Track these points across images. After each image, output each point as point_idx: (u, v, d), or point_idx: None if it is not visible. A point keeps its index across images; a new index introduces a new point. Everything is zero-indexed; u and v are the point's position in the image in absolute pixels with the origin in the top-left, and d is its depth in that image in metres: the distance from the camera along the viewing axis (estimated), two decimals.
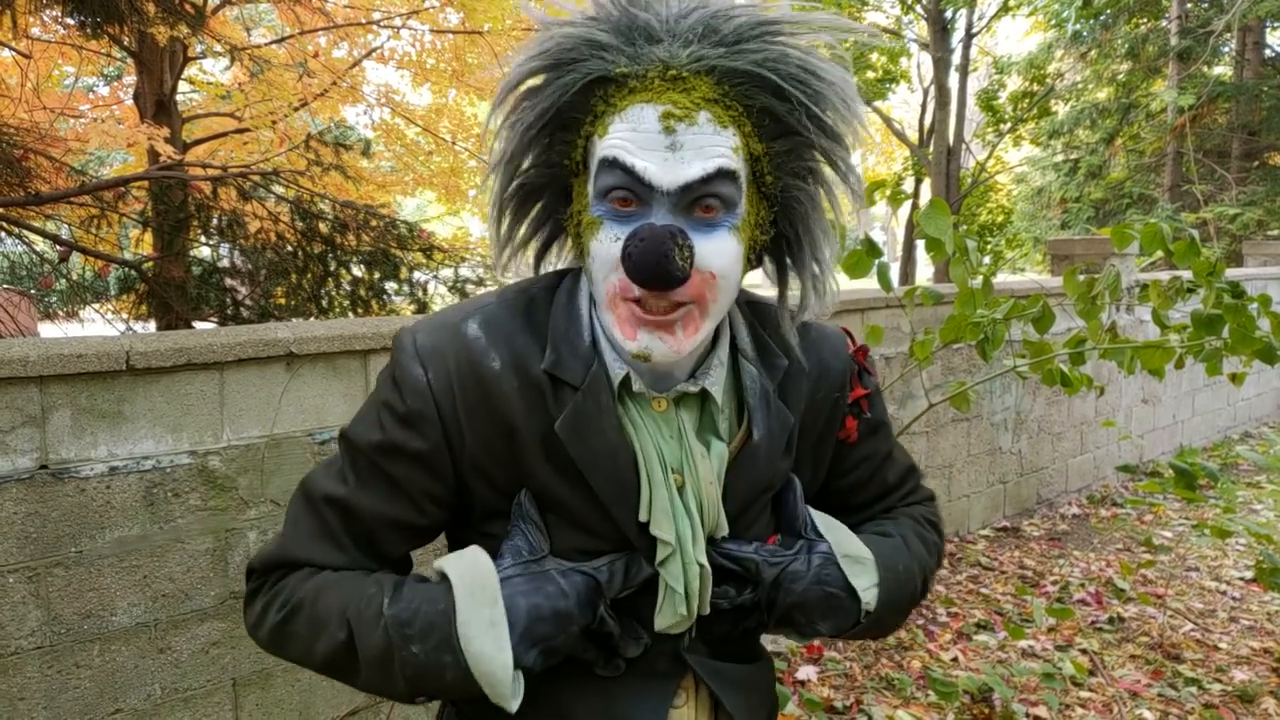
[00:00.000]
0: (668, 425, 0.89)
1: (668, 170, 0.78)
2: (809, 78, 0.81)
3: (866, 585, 0.93)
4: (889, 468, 1.09)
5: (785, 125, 0.82)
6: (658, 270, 0.76)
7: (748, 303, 0.98)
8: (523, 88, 0.85)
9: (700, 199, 0.79)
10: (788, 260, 0.92)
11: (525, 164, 0.88)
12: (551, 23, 0.84)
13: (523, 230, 0.93)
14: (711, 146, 0.78)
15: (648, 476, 0.86)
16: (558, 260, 0.98)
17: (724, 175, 0.79)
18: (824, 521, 0.97)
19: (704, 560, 0.88)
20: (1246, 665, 3.17)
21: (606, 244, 0.80)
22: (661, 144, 0.78)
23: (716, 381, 0.90)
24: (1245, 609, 3.71)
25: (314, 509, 0.91)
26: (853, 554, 0.94)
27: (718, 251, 0.80)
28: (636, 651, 0.90)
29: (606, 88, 0.81)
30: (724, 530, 0.91)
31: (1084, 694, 2.99)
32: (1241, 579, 4.02)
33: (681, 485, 0.88)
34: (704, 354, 0.91)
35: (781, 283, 0.94)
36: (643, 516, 0.86)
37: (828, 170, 0.87)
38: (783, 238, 0.90)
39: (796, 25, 0.82)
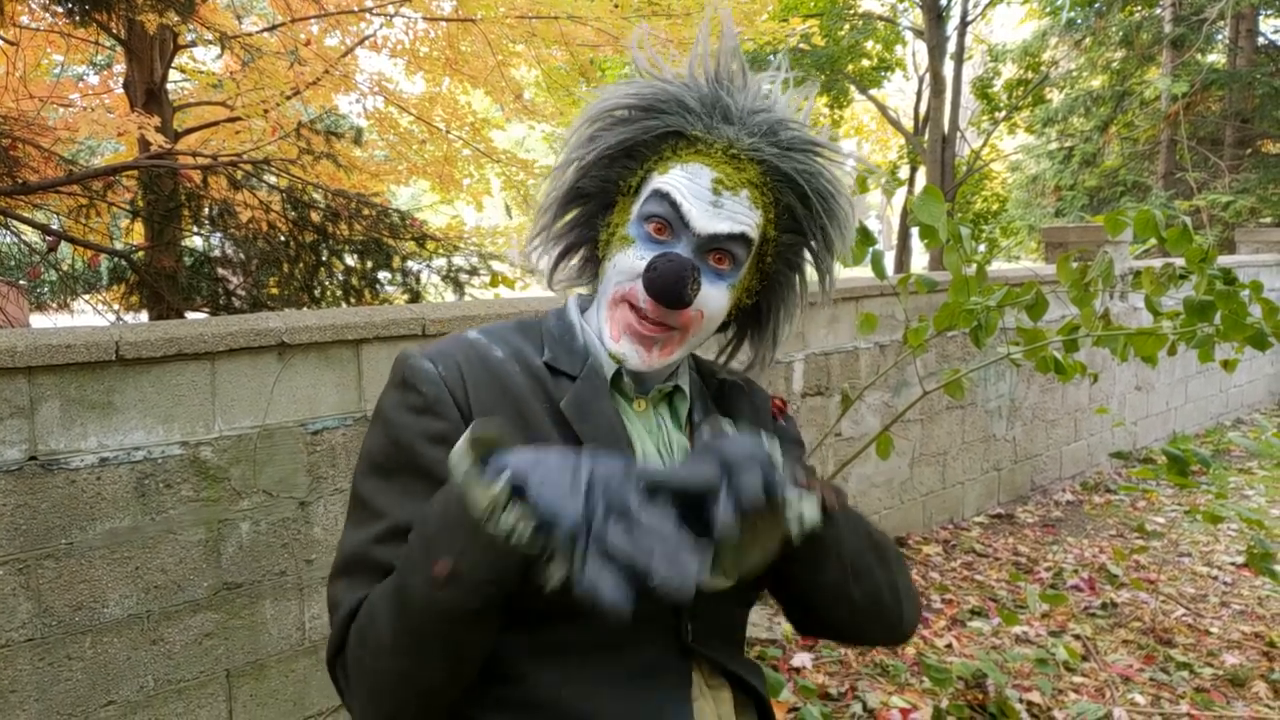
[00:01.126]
0: (647, 422, 1.03)
1: (706, 219, 0.95)
2: (830, 197, 1.01)
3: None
4: None
5: (798, 225, 1.02)
6: (674, 288, 0.91)
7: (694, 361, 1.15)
8: (610, 115, 1.02)
9: (717, 250, 0.96)
10: (751, 331, 1.11)
11: (588, 175, 1.03)
12: (656, 76, 1.02)
13: (561, 224, 1.07)
14: (743, 215, 0.96)
15: (643, 452, 0.99)
16: (565, 270, 1.10)
17: (743, 239, 0.97)
18: None
19: None
20: (1237, 649, 3.19)
21: (632, 258, 0.96)
22: (708, 199, 0.95)
23: (684, 380, 1.07)
24: (1236, 594, 3.73)
25: (355, 567, 0.93)
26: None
27: (715, 297, 0.97)
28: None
29: (678, 141, 0.99)
30: None
31: (1077, 679, 3.01)
32: (1233, 564, 4.04)
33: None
34: (673, 370, 1.06)
35: (736, 346, 1.14)
36: None
37: (810, 270, 1.07)
38: (758, 310, 1.09)
39: (834, 153, 1.02)
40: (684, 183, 0.95)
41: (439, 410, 0.93)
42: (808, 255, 1.06)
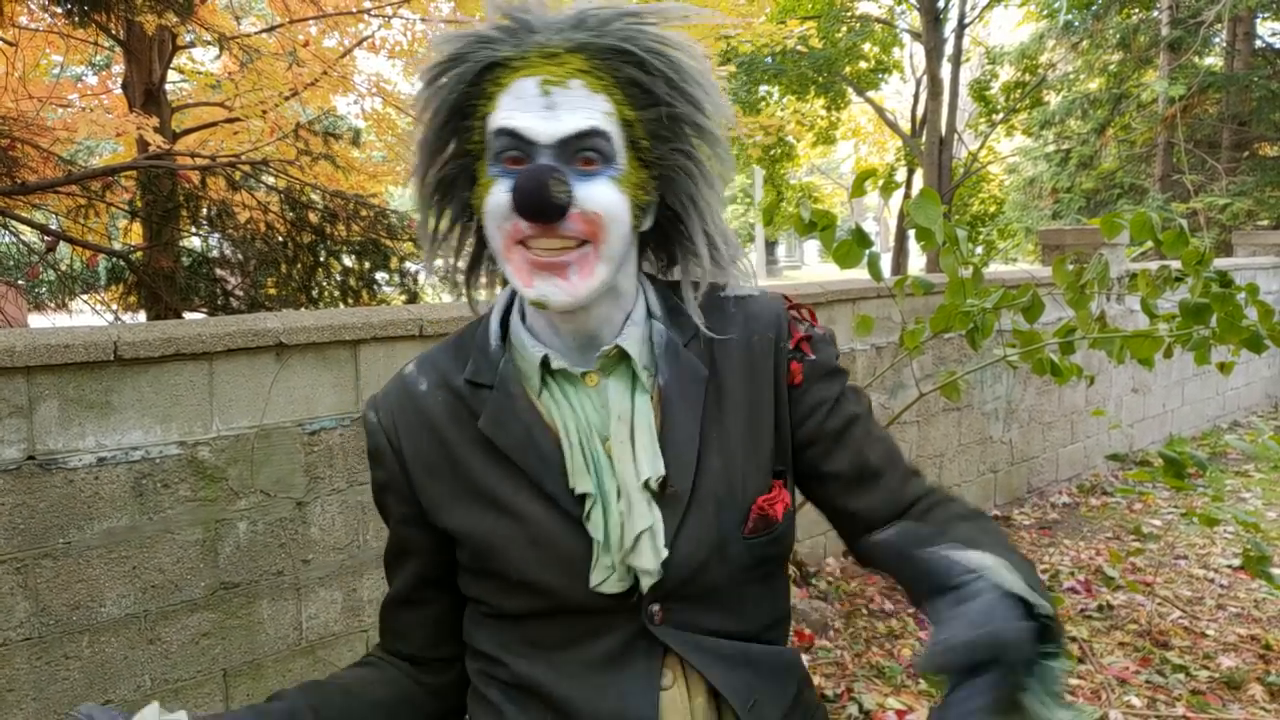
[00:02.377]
0: (599, 395, 0.98)
1: (546, 126, 0.88)
2: (666, 49, 0.93)
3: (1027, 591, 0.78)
4: (861, 440, 1.04)
5: (651, 95, 0.93)
6: (536, 196, 0.85)
7: (664, 284, 1.05)
8: (430, 90, 0.96)
9: (579, 152, 0.89)
10: (679, 232, 1.00)
11: (441, 157, 0.98)
12: (448, 32, 0.96)
13: (445, 222, 1.02)
14: (584, 109, 0.89)
15: (568, 444, 0.95)
16: (486, 275, 1.08)
17: (596, 133, 0.89)
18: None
19: (625, 509, 0.93)
20: (1234, 652, 3.19)
21: (498, 195, 0.90)
22: (540, 105, 0.89)
23: (629, 338, 0.98)
24: (1233, 596, 3.74)
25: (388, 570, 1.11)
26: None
27: (597, 193, 0.89)
28: None
29: (496, 72, 0.92)
30: (658, 471, 0.94)
31: (1073, 681, 3.01)
32: (1229, 567, 4.05)
33: (609, 449, 0.95)
34: (621, 321, 0.99)
35: (681, 253, 1.02)
36: (570, 482, 0.94)
37: (699, 146, 0.96)
38: (670, 212, 0.99)
39: (655, 14, 0.94)
40: (512, 105, 0.90)
41: (379, 460, 1.03)
42: (685, 130, 0.95)
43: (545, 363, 0.97)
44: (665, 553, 0.93)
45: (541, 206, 0.85)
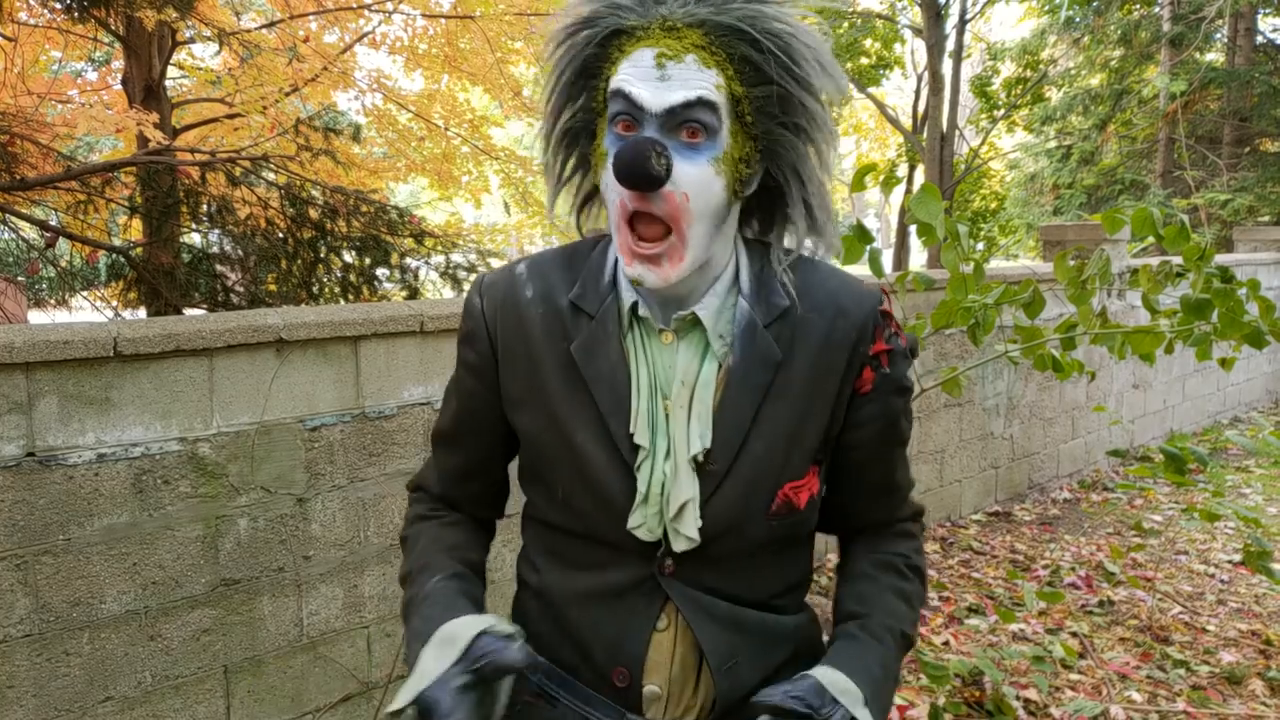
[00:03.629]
0: (670, 355, 1.03)
1: (656, 95, 0.93)
2: (781, 30, 0.96)
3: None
4: (897, 457, 1.12)
5: (762, 74, 0.96)
6: (635, 167, 0.90)
7: (763, 250, 1.07)
8: (560, 46, 1.02)
9: (685, 123, 0.93)
10: (781, 203, 1.04)
11: (567, 112, 1.03)
12: None
13: (568, 170, 1.08)
14: (695, 80, 0.93)
15: (638, 394, 1.01)
16: (598, 213, 1.12)
17: (704, 104, 0.93)
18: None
19: (669, 472, 1.00)
20: (1234, 647, 3.19)
21: (609, 164, 0.95)
22: (654, 76, 0.93)
23: (707, 308, 1.02)
24: (1233, 592, 3.74)
25: (440, 442, 1.19)
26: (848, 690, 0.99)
27: (694, 174, 0.94)
28: None
29: (621, 38, 0.98)
30: (703, 443, 1.01)
31: (1074, 676, 3.01)
32: (1230, 562, 4.05)
33: (668, 408, 1.01)
34: (705, 288, 1.02)
35: (779, 223, 1.06)
36: (631, 428, 1.01)
37: (808, 123, 1.00)
38: (774, 183, 1.03)
39: None
40: (630, 72, 0.95)
41: (472, 343, 1.10)
42: (793, 107, 0.98)
43: (634, 308, 1.02)
44: (700, 520, 1.00)
45: (640, 176, 0.90)
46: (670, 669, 1.05)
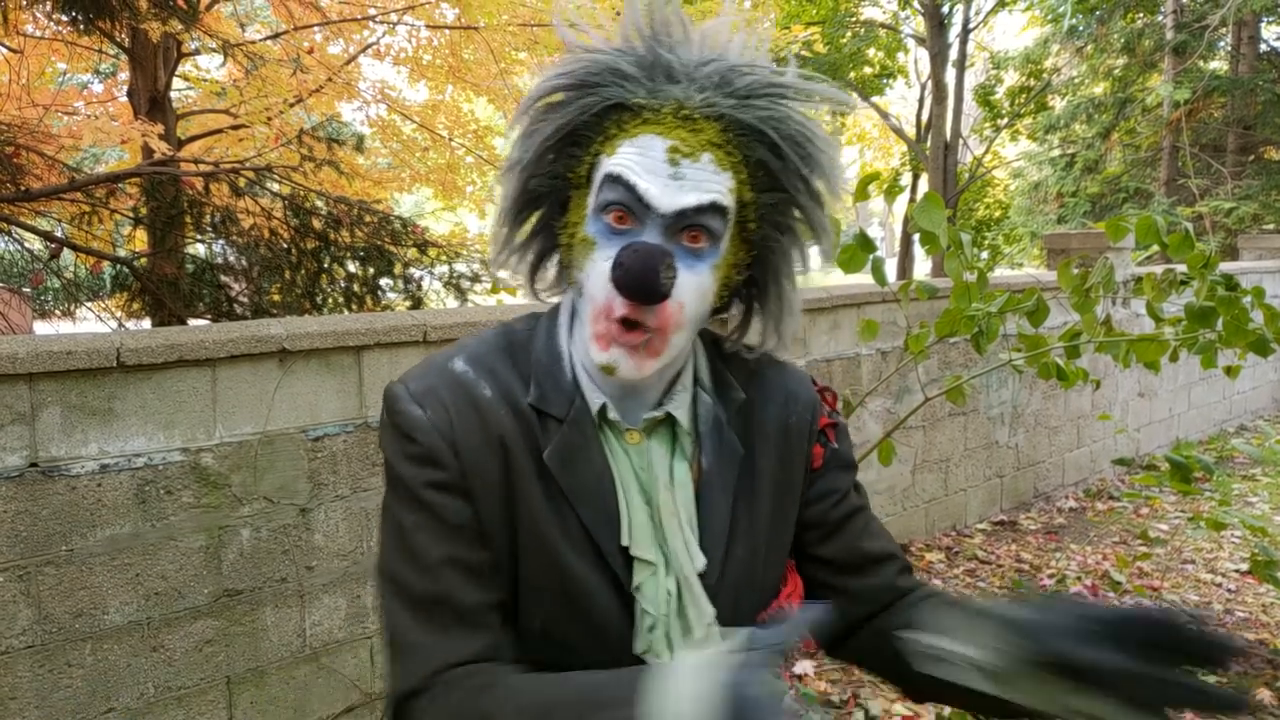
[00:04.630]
0: (640, 456, 0.93)
1: (667, 195, 0.83)
2: (805, 142, 0.88)
3: None
4: (860, 527, 1.02)
5: (776, 181, 0.89)
6: (644, 282, 0.81)
7: (711, 340, 1.02)
8: (544, 103, 0.91)
9: (689, 228, 0.85)
10: (755, 305, 0.98)
11: (534, 174, 0.93)
12: (581, 48, 0.90)
13: (522, 234, 0.98)
14: (709, 183, 0.84)
15: (627, 502, 0.90)
16: (547, 273, 1.01)
17: (716, 210, 0.85)
18: None
19: (671, 589, 0.90)
20: (1242, 657, 3.17)
21: (599, 263, 0.85)
22: (665, 171, 0.84)
23: (681, 406, 0.94)
24: (1240, 601, 3.72)
25: (437, 608, 0.87)
26: None
27: (694, 285, 0.86)
28: None
29: (622, 114, 0.87)
30: (699, 561, 0.91)
31: None
32: (1237, 571, 4.02)
33: (660, 517, 0.91)
34: (670, 382, 0.95)
35: (745, 323, 0.99)
36: (624, 540, 0.89)
37: (803, 228, 0.94)
38: (754, 283, 0.96)
39: (801, 92, 0.89)
40: (635, 159, 0.84)
41: (437, 460, 0.88)
42: (795, 213, 0.92)
43: (603, 411, 0.92)
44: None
45: (645, 293, 0.82)
46: None
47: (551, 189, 0.93)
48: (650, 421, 0.93)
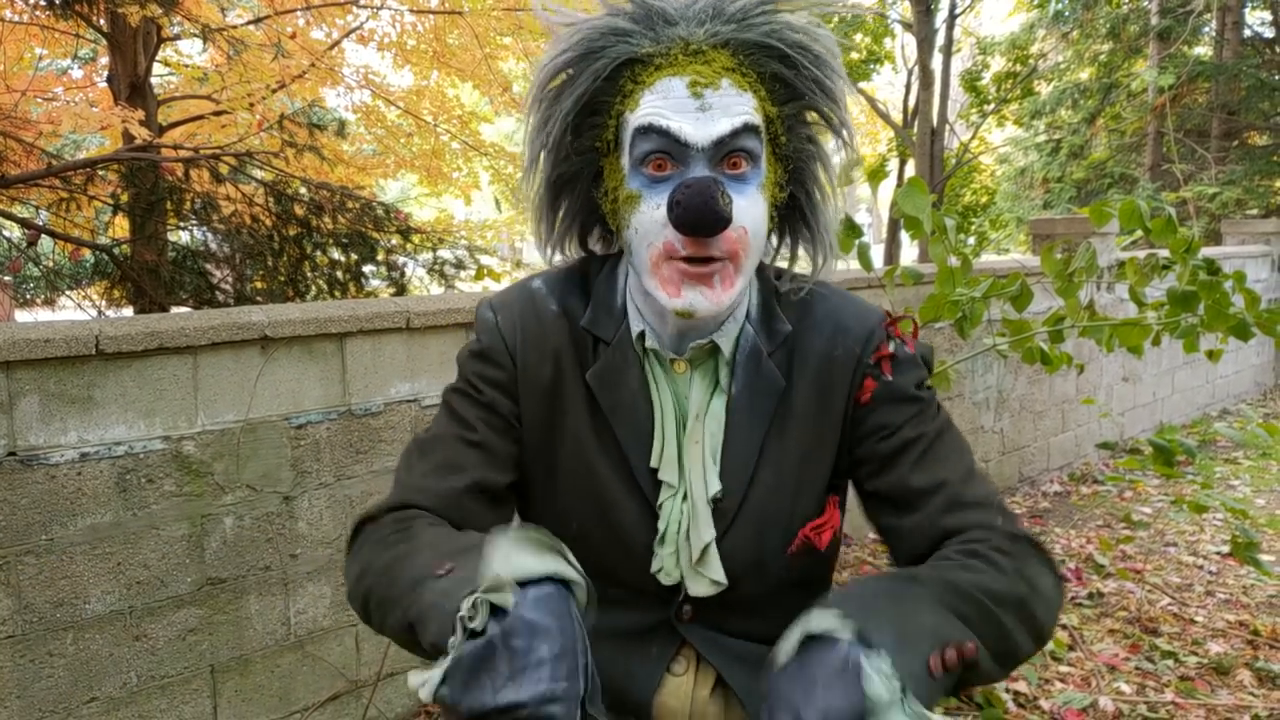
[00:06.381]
0: (683, 385, 0.98)
1: (700, 128, 0.86)
2: (810, 43, 0.91)
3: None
4: (913, 459, 0.95)
5: (793, 89, 0.92)
6: (706, 211, 0.82)
7: (765, 277, 1.03)
8: (554, 84, 0.93)
9: (730, 154, 0.87)
10: (801, 222, 1.00)
11: (562, 154, 0.95)
12: (575, 19, 0.93)
13: (561, 216, 1.01)
14: (736, 105, 0.87)
15: (661, 427, 0.95)
16: (598, 241, 1.07)
17: (750, 130, 0.87)
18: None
19: (687, 512, 0.94)
20: (1222, 638, 3.21)
21: (649, 212, 0.87)
22: (692, 107, 0.86)
23: (726, 334, 0.97)
24: (1221, 583, 3.75)
25: (426, 447, 1.00)
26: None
27: (748, 208, 0.88)
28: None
29: (634, 68, 0.90)
30: (713, 488, 0.94)
31: (1063, 668, 3.02)
32: (1218, 554, 4.06)
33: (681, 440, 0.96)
34: (717, 322, 0.97)
35: (793, 253, 1.03)
36: (653, 463, 0.95)
37: (826, 135, 0.97)
38: (794, 203, 0.98)
39: (789, 2, 0.93)
40: (660, 104, 0.87)
41: (494, 359, 0.99)
42: (814, 117, 0.95)
43: (641, 338, 0.97)
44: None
45: (708, 223, 0.83)
46: (688, 715, 0.98)
47: (582, 165, 0.96)
48: (697, 350, 0.96)
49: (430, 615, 0.74)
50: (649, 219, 0.87)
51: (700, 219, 0.82)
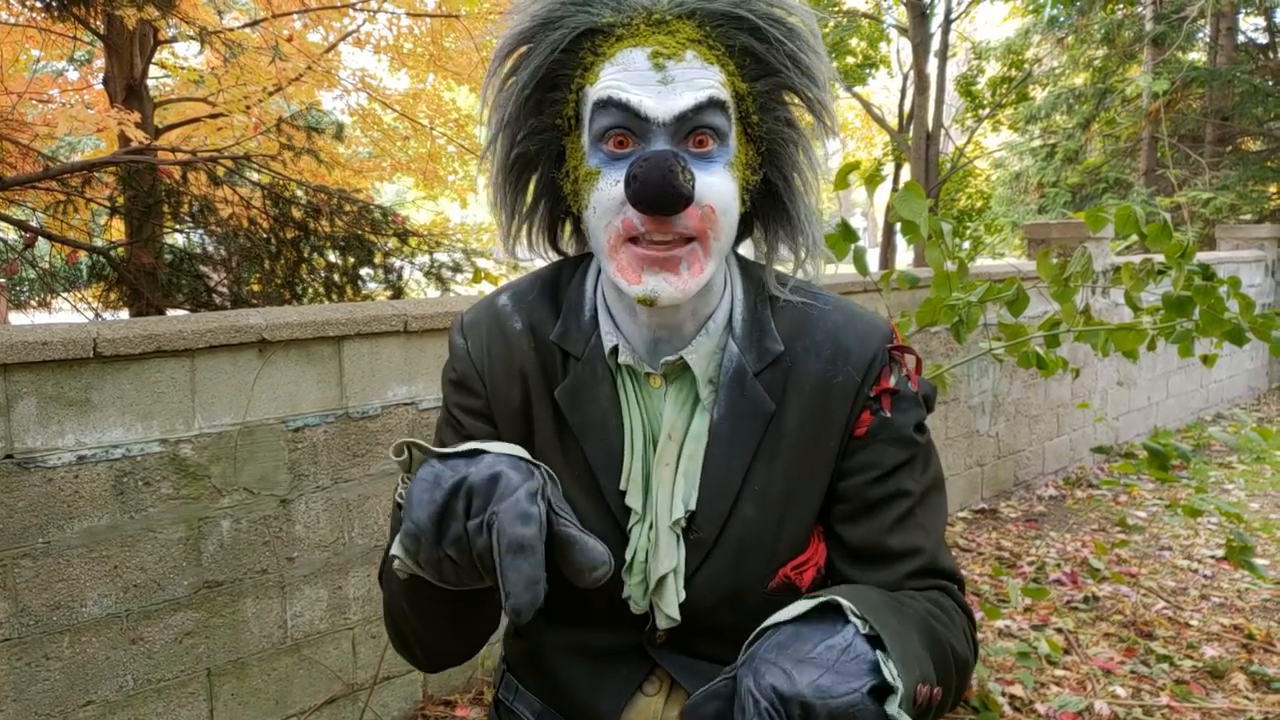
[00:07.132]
0: (656, 402, 0.92)
1: (662, 101, 0.80)
2: (782, 14, 0.85)
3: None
4: (896, 516, 0.91)
5: (765, 65, 0.85)
6: (663, 187, 0.76)
7: (755, 285, 0.96)
8: (513, 57, 0.88)
9: (694, 130, 0.81)
10: (780, 212, 0.92)
11: (520, 131, 0.89)
12: None
13: (527, 200, 0.95)
14: (700, 79, 0.81)
15: (630, 447, 0.90)
16: (570, 238, 1.01)
17: (715, 105, 0.81)
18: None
19: (650, 537, 0.90)
20: (1217, 642, 3.22)
21: (606, 189, 0.81)
22: (653, 79, 0.80)
23: (696, 351, 0.89)
24: (1216, 587, 3.77)
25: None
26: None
27: (715, 184, 0.81)
28: (526, 597, 0.71)
29: (594, 39, 0.84)
30: (687, 506, 0.89)
31: (1059, 672, 3.03)
32: (1213, 557, 4.07)
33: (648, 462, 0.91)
34: (704, 317, 0.91)
35: (770, 234, 0.94)
36: (622, 485, 0.90)
37: (806, 116, 0.90)
38: (773, 188, 0.91)
39: None
40: (620, 76, 0.81)
41: (468, 386, 0.97)
42: (792, 98, 0.88)
43: (614, 353, 0.91)
44: (683, 595, 0.89)
45: (666, 199, 0.76)
46: None
47: (542, 144, 0.90)
48: (670, 366, 0.90)
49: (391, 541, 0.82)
50: (606, 196, 0.81)
51: (660, 194, 0.76)
